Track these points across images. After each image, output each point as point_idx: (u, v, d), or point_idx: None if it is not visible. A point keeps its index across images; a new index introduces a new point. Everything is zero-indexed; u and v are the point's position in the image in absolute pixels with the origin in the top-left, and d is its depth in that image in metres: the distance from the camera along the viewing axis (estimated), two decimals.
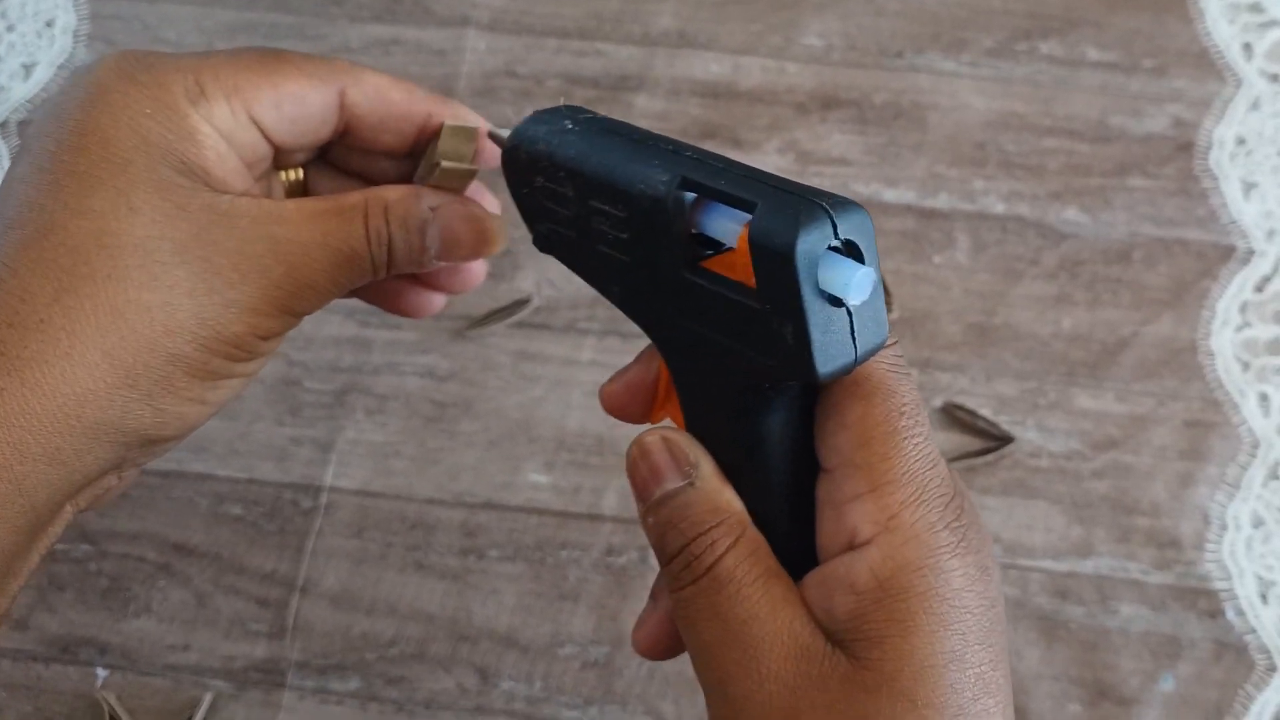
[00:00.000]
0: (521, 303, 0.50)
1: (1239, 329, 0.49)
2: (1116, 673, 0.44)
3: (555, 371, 0.49)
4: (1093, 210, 0.52)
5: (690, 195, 0.24)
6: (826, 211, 0.22)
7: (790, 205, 0.22)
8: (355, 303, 0.50)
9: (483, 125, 0.28)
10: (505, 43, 0.56)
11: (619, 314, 0.51)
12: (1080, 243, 0.51)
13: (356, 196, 0.26)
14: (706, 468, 0.25)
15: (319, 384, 0.49)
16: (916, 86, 0.54)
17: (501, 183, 0.29)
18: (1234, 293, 0.50)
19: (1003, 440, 0.47)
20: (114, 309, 0.23)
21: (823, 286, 0.21)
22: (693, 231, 0.24)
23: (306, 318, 0.27)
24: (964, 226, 0.51)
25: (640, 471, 0.25)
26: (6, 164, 0.53)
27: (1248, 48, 0.55)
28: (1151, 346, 0.49)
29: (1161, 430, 0.48)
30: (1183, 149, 0.53)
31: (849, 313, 0.22)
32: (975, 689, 0.22)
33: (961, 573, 0.22)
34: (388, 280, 0.29)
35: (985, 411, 0.48)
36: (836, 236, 0.22)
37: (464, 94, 0.54)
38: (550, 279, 0.51)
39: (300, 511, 0.47)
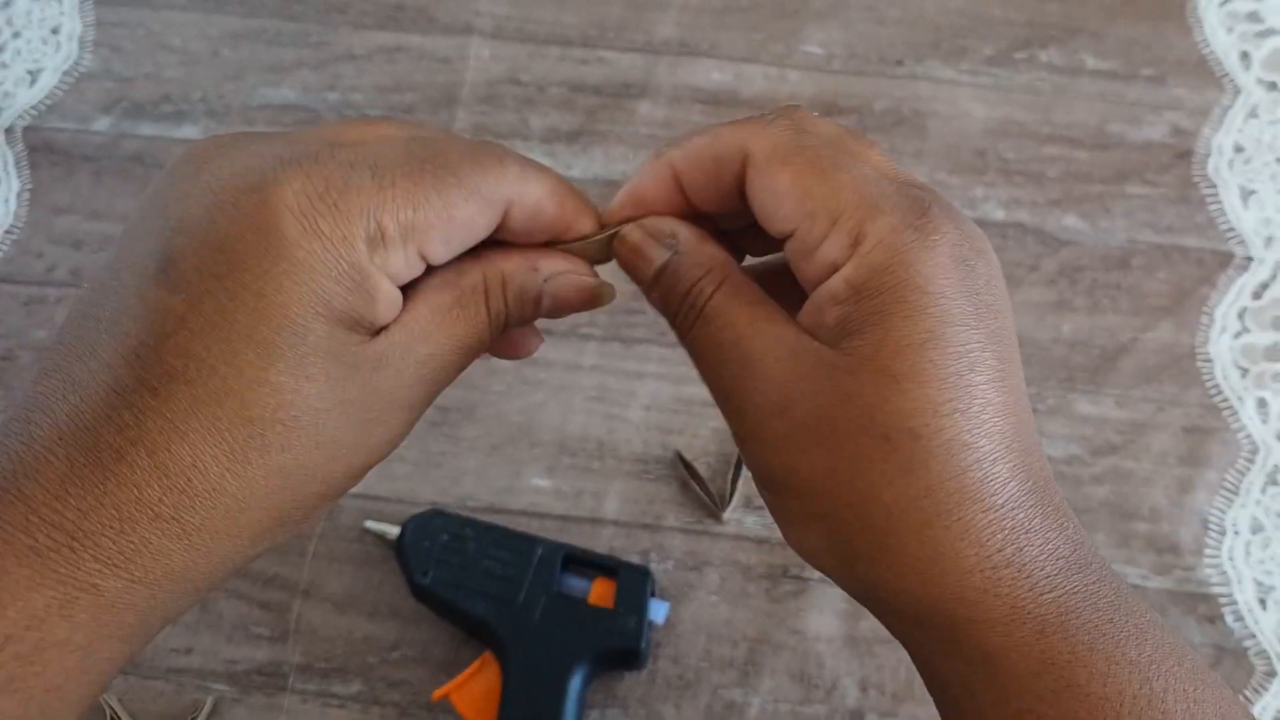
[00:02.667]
0: None
1: (1237, 335, 0.50)
2: None
3: (557, 377, 0.49)
4: (1092, 217, 0.52)
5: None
6: (650, 574, 0.43)
7: (638, 567, 0.43)
8: None
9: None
10: (509, 50, 0.56)
11: (620, 320, 0.51)
12: (1080, 249, 0.51)
13: (475, 276, 0.26)
14: (684, 232, 0.27)
15: None
16: (917, 94, 0.55)
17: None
18: (1232, 299, 0.50)
19: None
20: (283, 474, 0.23)
21: (654, 613, 0.43)
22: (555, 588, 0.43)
23: None
24: None
25: (632, 261, 0.27)
26: (11, 172, 0.54)
27: (1245, 56, 0.55)
28: (1151, 352, 0.49)
29: (1161, 436, 0.48)
30: (1181, 157, 0.53)
31: (650, 624, 0.43)
32: (958, 365, 0.23)
33: (931, 263, 0.23)
34: None
35: None
36: (654, 586, 0.44)
37: (468, 101, 0.55)
38: None
39: None
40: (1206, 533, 0.46)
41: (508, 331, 0.28)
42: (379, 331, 0.24)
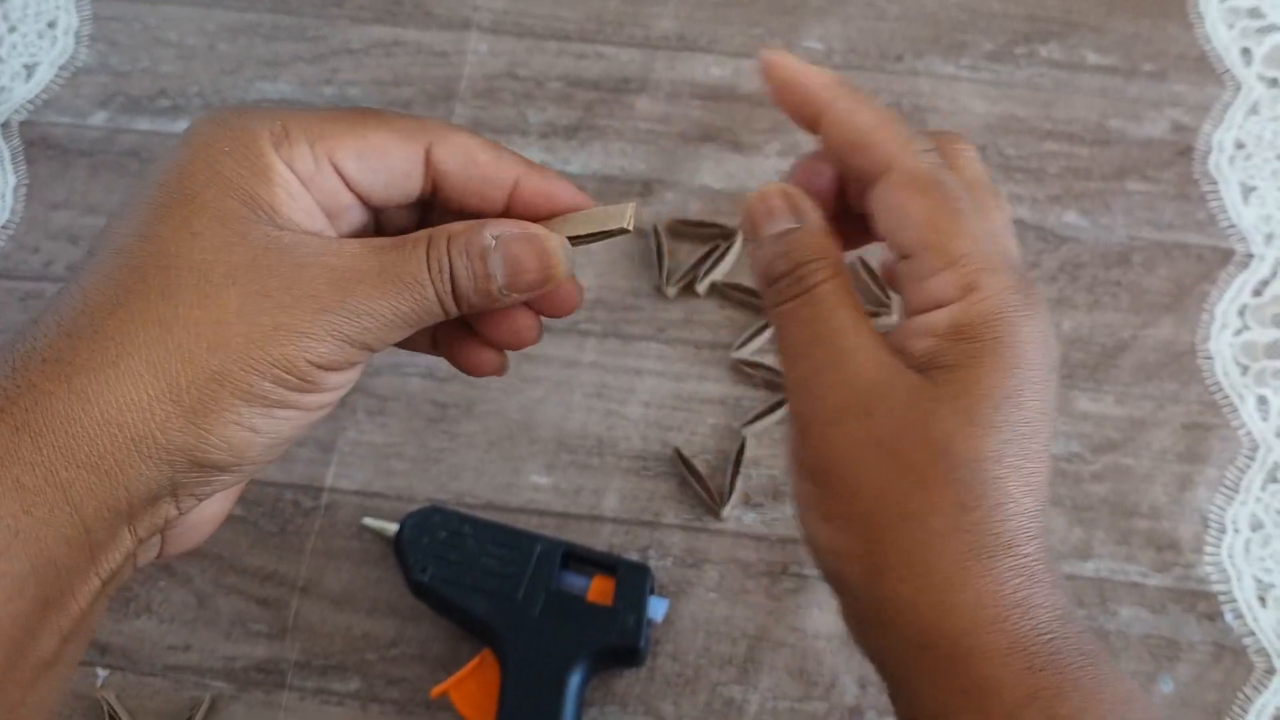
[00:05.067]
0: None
1: (1238, 332, 0.50)
2: None
3: (556, 373, 0.49)
4: (1092, 213, 0.52)
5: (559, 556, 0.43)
6: (649, 571, 0.43)
7: (637, 565, 0.43)
8: None
9: (633, 206, 0.30)
10: (507, 45, 0.56)
11: (619, 316, 0.51)
12: (1080, 246, 0.51)
13: (422, 231, 0.26)
14: (815, 216, 0.28)
15: None
16: (917, 90, 0.54)
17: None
18: (1233, 296, 0.50)
19: None
20: (163, 323, 0.24)
21: (652, 611, 0.43)
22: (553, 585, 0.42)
23: None
24: None
25: (757, 210, 0.28)
26: (7, 167, 0.54)
27: (1246, 52, 0.55)
28: (1151, 350, 0.49)
29: (1161, 433, 0.48)
30: (1182, 153, 0.53)
31: (649, 622, 0.43)
32: (1027, 426, 0.25)
33: (1028, 329, 0.26)
34: (458, 327, 0.30)
35: None
36: (653, 584, 0.44)
37: (465, 96, 0.55)
38: None
39: (301, 512, 0.47)
40: (1206, 530, 0.46)
41: (464, 333, 0.29)
42: (289, 230, 0.26)
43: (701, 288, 0.50)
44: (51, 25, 0.57)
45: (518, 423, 0.48)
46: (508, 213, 0.29)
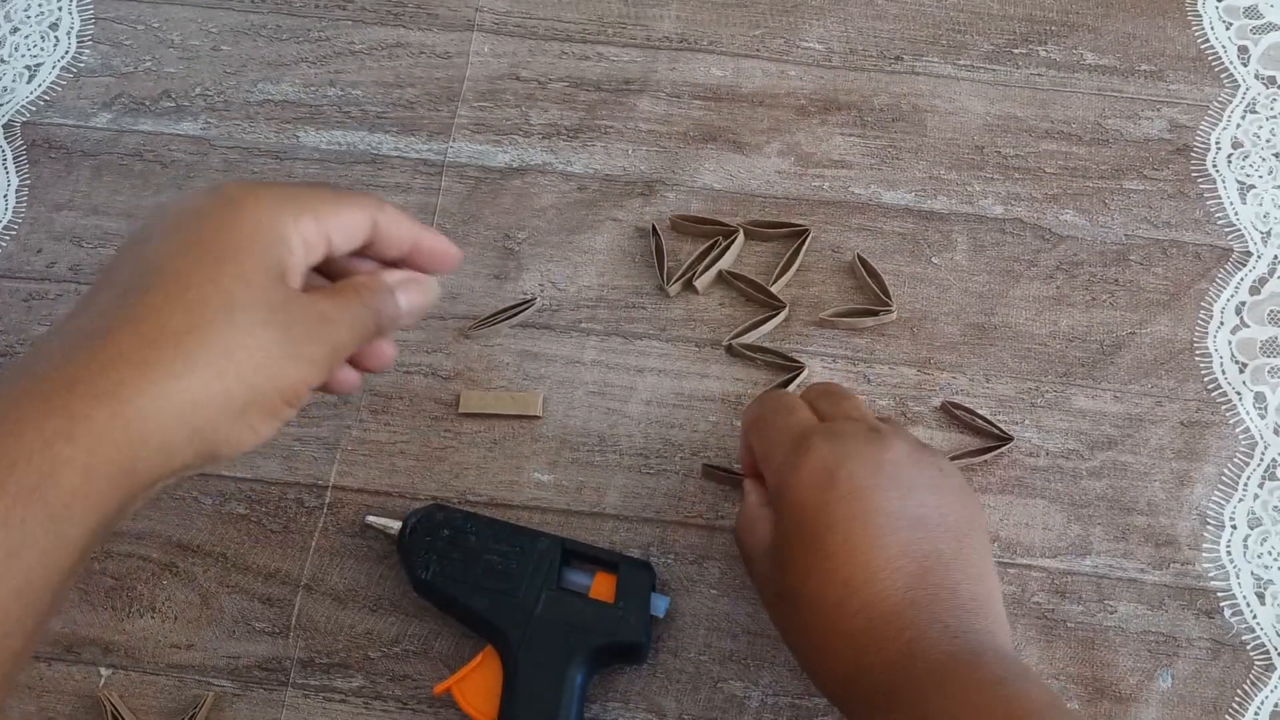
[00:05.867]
0: (525, 303, 0.50)
1: (1235, 330, 0.50)
2: (1114, 671, 0.44)
3: (558, 371, 0.49)
4: (1090, 212, 0.52)
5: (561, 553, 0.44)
6: (651, 568, 0.44)
7: (639, 562, 0.44)
8: None
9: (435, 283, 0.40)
10: (509, 46, 0.56)
11: (621, 315, 0.51)
12: (1078, 244, 0.52)
13: (346, 284, 0.36)
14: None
15: None
16: (916, 90, 0.55)
17: None
18: (1230, 294, 0.50)
19: (1001, 439, 0.47)
20: (228, 346, 0.31)
21: (655, 608, 0.43)
22: (558, 581, 0.43)
23: None
24: (962, 228, 0.52)
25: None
26: (10, 168, 0.54)
27: (1244, 51, 0.55)
28: (1149, 347, 0.50)
29: (1159, 430, 0.48)
30: (1180, 152, 0.53)
31: (651, 618, 0.43)
32: (812, 552, 0.37)
33: (795, 482, 0.37)
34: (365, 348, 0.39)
35: (984, 411, 0.48)
36: (654, 581, 0.44)
37: (468, 97, 0.55)
38: (553, 280, 0.51)
39: (304, 510, 0.47)
40: (1204, 527, 0.47)
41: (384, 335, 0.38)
42: (292, 288, 0.34)
43: (701, 283, 0.50)
44: (54, 27, 0.57)
45: (520, 420, 0.48)
46: (407, 261, 0.38)
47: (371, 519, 0.46)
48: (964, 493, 0.38)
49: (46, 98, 0.55)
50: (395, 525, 0.45)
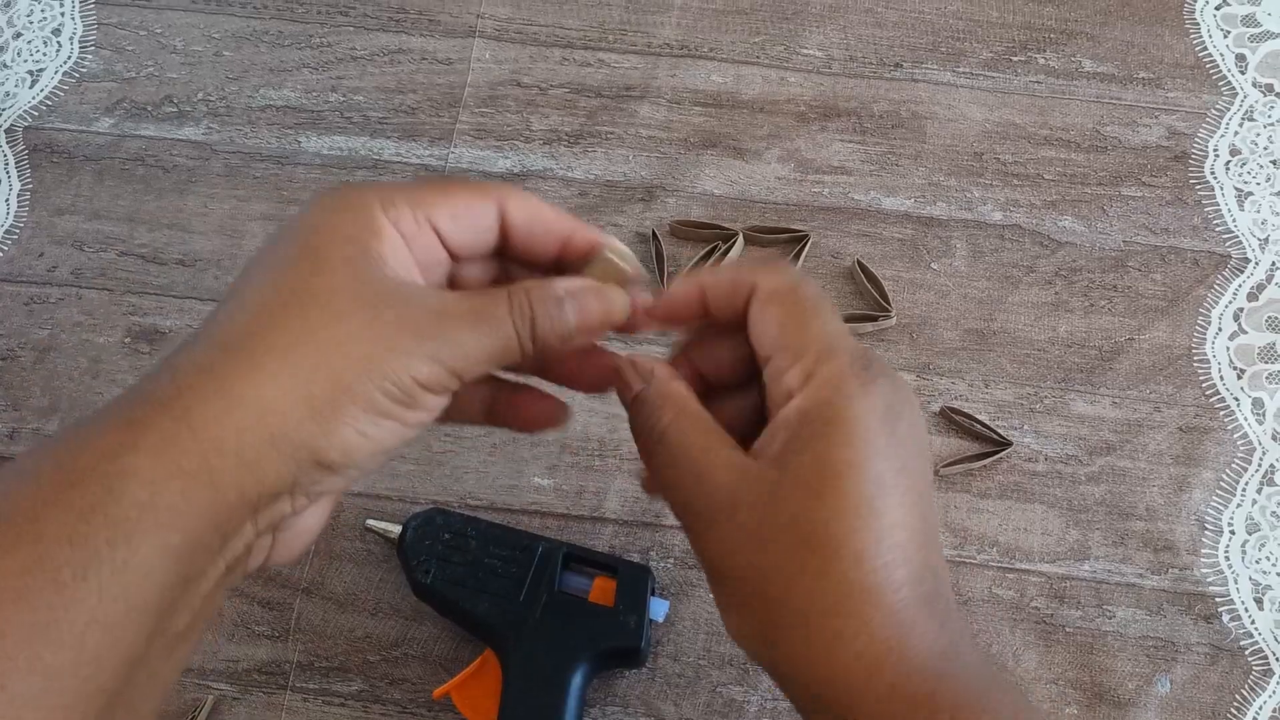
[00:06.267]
0: None
1: (1233, 336, 0.50)
2: (1113, 675, 0.44)
3: None
4: (1089, 219, 0.52)
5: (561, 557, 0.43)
6: (651, 572, 0.44)
7: (638, 566, 0.44)
8: None
9: (636, 267, 0.34)
10: (510, 53, 0.56)
11: None
12: (1076, 251, 0.52)
13: (517, 285, 0.32)
14: (659, 370, 0.33)
15: None
16: (915, 97, 0.55)
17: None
18: (1228, 300, 0.51)
19: (1000, 444, 0.48)
20: (300, 342, 0.28)
21: (654, 613, 0.43)
22: (555, 586, 0.43)
23: None
24: (962, 234, 0.52)
25: (617, 384, 0.34)
26: (11, 172, 0.54)
27: (1241, 59, 0.56)
28: (1147, 353, 0.50)
29: (1157, 435, 0.48)
30: (1178, 159, 0.54)
31: (650, 622, 0.43)
32: (871, 488, 0.28)
33: (865, 406, 0.29)
34: (513, 391, 0.35)
35: (982, 416, 0.48)
36: (654, 585, 0.44)
37: (470, 103, 0.55)
38: None
39: None
40: (1203, 532, 0.47)
41: (558, 359, 0.34)
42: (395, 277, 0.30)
43: None
44: (56, 32, 0.57)
45: None
46: (561, 258, 0.34)
47: (371, 523, 0.46)
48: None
49: (49, 102, 0.56)
50: (395, 529, 0.45)
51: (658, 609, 0.43)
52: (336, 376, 0.28)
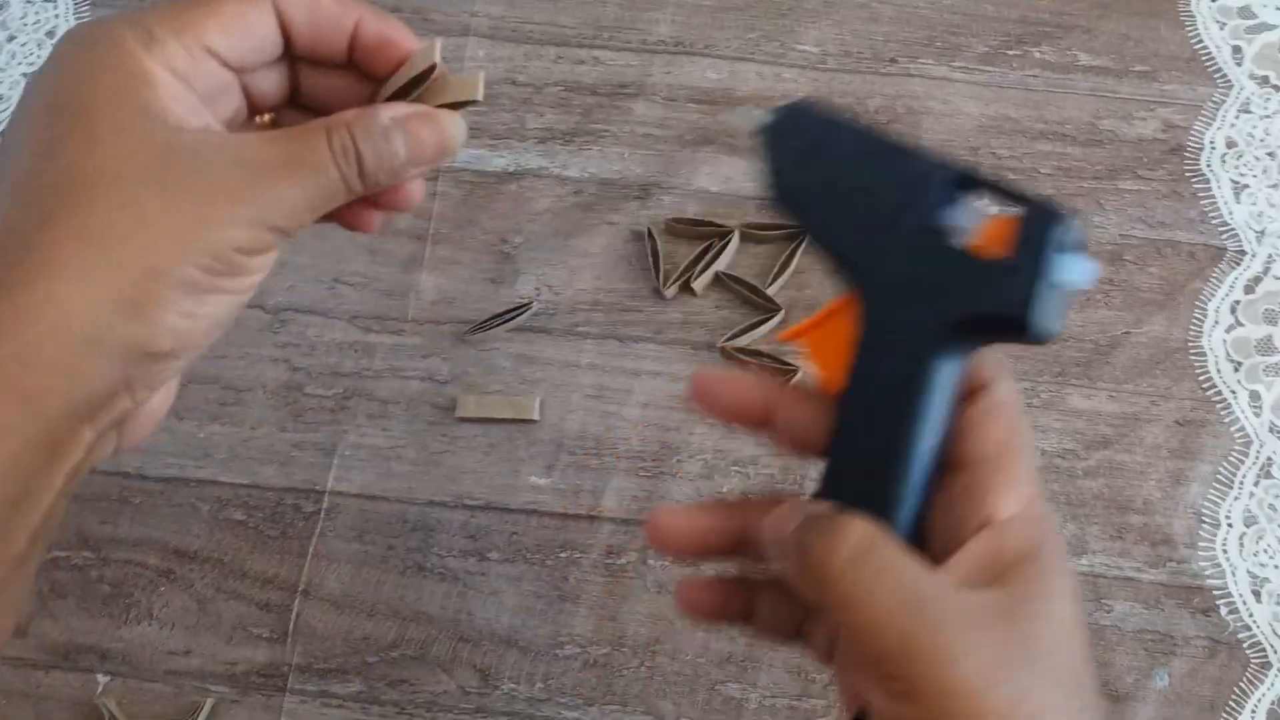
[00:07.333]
0: (521, 307, 0.50)
1: (1230, 329, 0.50)
2: (1111, 669, 0.44)
3: (555, 375, 0.49)
4: (1085, 212, 0.52)
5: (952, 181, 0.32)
6: (1059, 213, 0.29)
7: (1053, 204, 0.29)
8: (357, 309, 0.50)
9: (481, 79, 0.30)
10: (505, 50, 0.56)
11: (617, 319, 0.51)
12: None
13: (318, 120, 0.28)
14: (812, 507, 0.29)
15: (321, 389, 0.49)
16: (911, 92, 0.55)
17: None
18: (1225, 293, 0.51)
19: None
20: (90, 233, 0.25)
21: (1060, 271, 0.28)
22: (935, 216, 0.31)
23: (309, 324, 0.28)
24: None
25: (774, 528, 0.30)
26: None
27: (1238, 51, 0.56)
28: (1144, 346, 0.50)
29: (1154, 429, 0.48)
30: (1174, 152, 0.54)
31: (1062, 293, 0.29)
32: (1070, 627, 0.27)
33: (1061, 547, 0.28)
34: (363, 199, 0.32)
35: None
36: (1070, 236, 0.29)
37: None
38: (550, 284, 0.51)
39: (302, 515, 0.47)
40: (1200, 525, 0.47)
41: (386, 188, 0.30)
42: (186, 129, 0.27)
43: (699, 284, 0.50)
44: (50, 34, 0.57)
45: (517, 424, 0.48)
46: (351, 56, 0.30)
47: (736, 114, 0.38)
48: None
49: None
50: (762, 117, 0.34)
51: (1071, 269, 0.29)
52: (145, 265, 0.25)
